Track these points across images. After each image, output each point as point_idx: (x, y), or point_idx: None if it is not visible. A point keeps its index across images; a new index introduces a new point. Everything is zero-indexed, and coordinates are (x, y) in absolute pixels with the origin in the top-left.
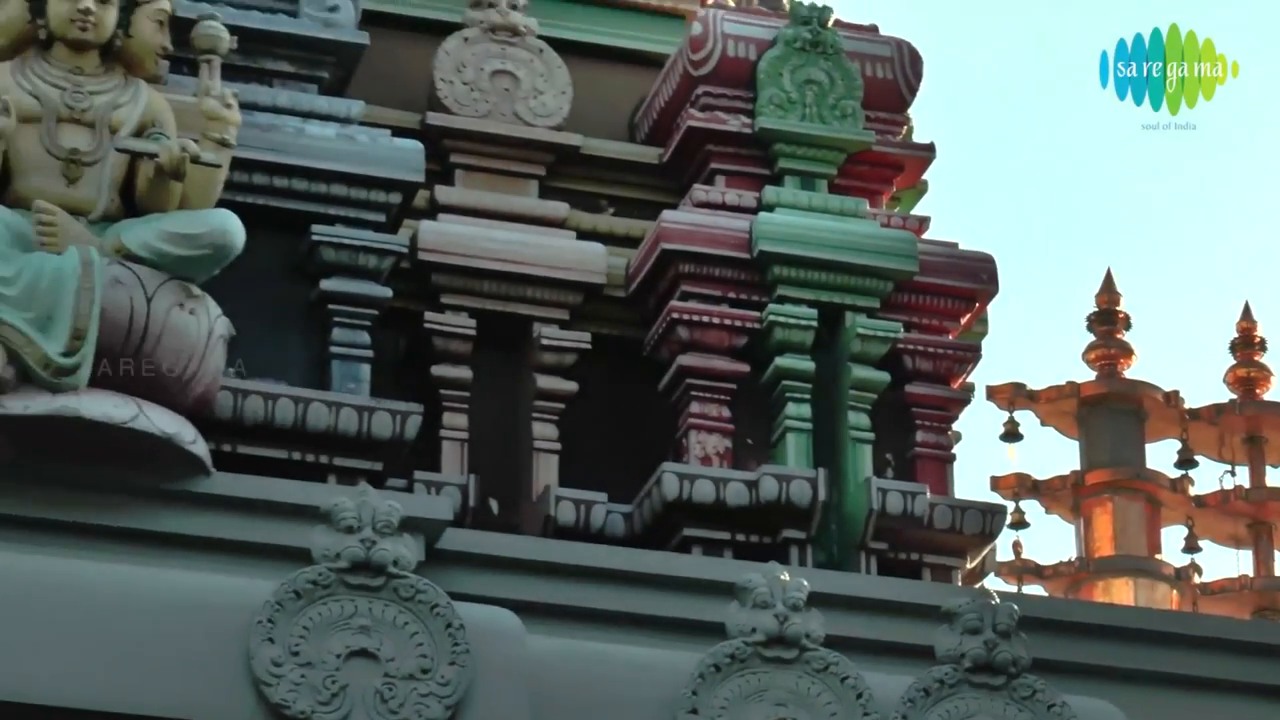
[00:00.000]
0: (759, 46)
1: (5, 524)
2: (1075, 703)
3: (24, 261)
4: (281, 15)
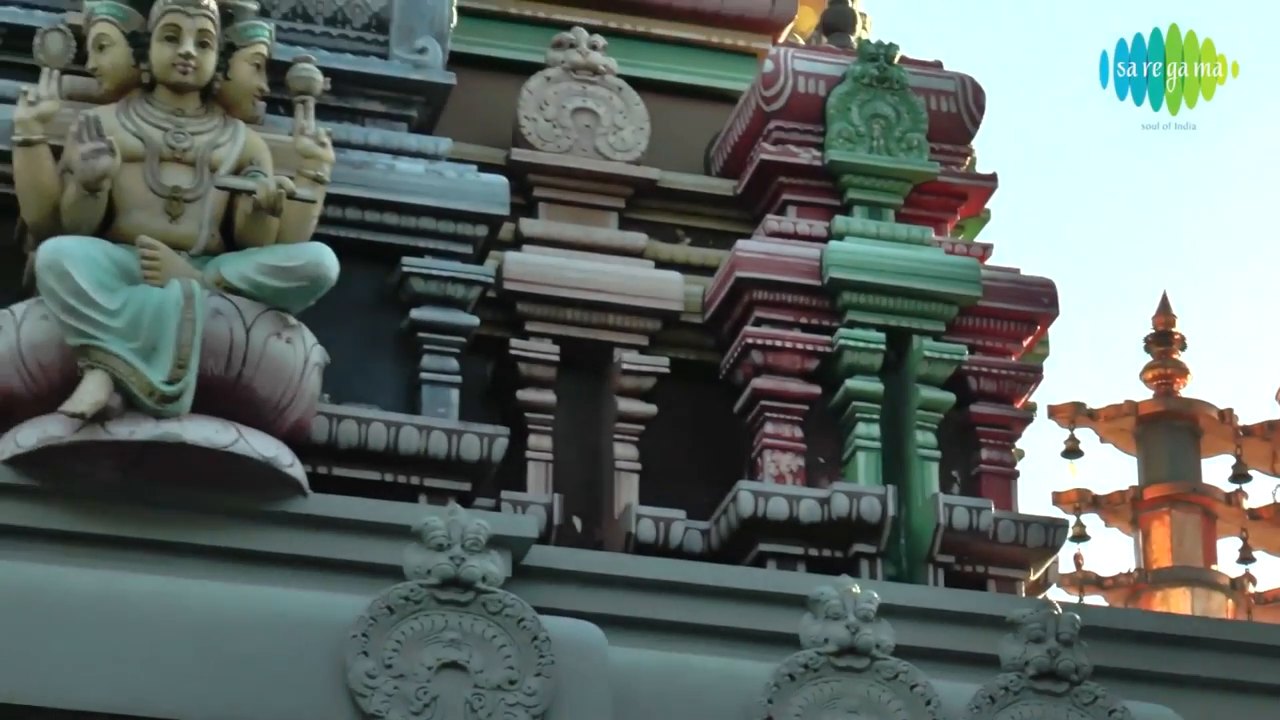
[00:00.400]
0: (828, 83)
1: (112, 544)
2: (1135, 708)
3: (129, 294)
4: (373, 58)
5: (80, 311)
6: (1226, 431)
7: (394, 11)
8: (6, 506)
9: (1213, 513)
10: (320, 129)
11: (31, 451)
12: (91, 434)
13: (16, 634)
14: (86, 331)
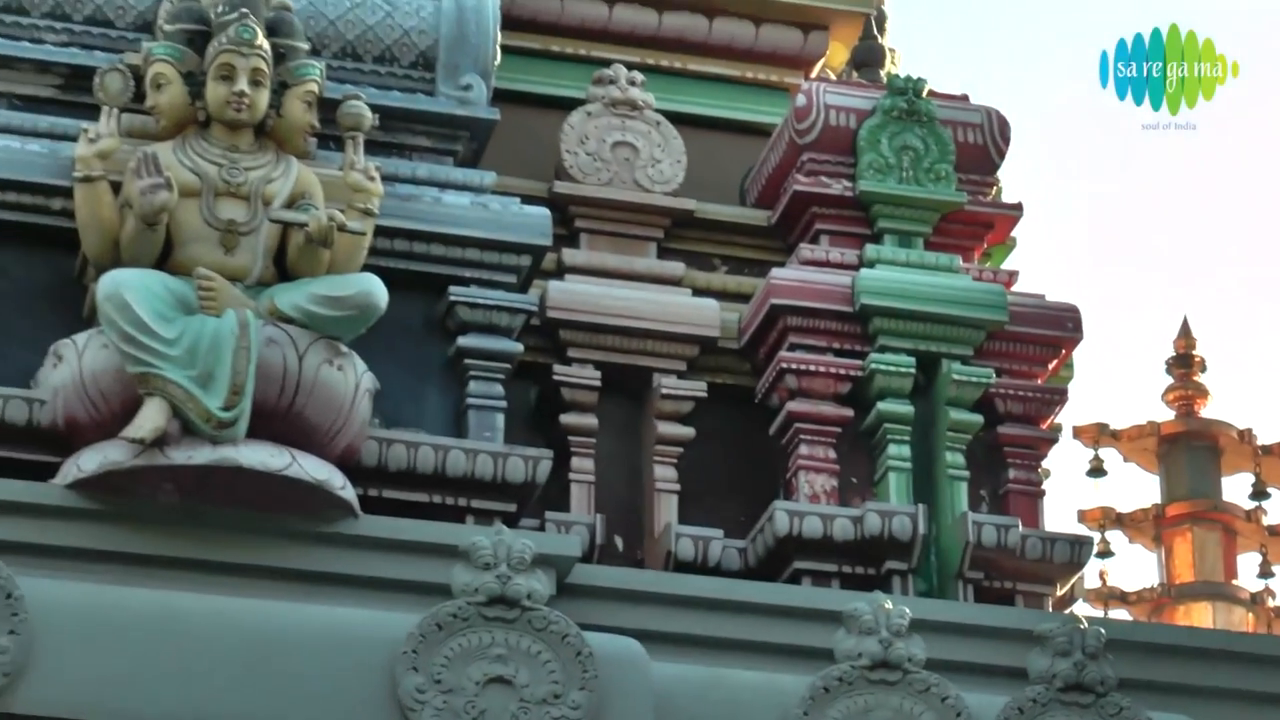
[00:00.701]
0: (859, 116)
1: (171, 565)
2: (1159, 719)
3: (185, 323)
4: (420, 94)
5: (140, 341)
6: (1246, 450)
7: (440, 50)
8: (70, 529)
9: (1233, 529)
10: (369, 163)
11: (93, 476)
12: (151, 459)
13: (80, 651)
14: (146, 360)
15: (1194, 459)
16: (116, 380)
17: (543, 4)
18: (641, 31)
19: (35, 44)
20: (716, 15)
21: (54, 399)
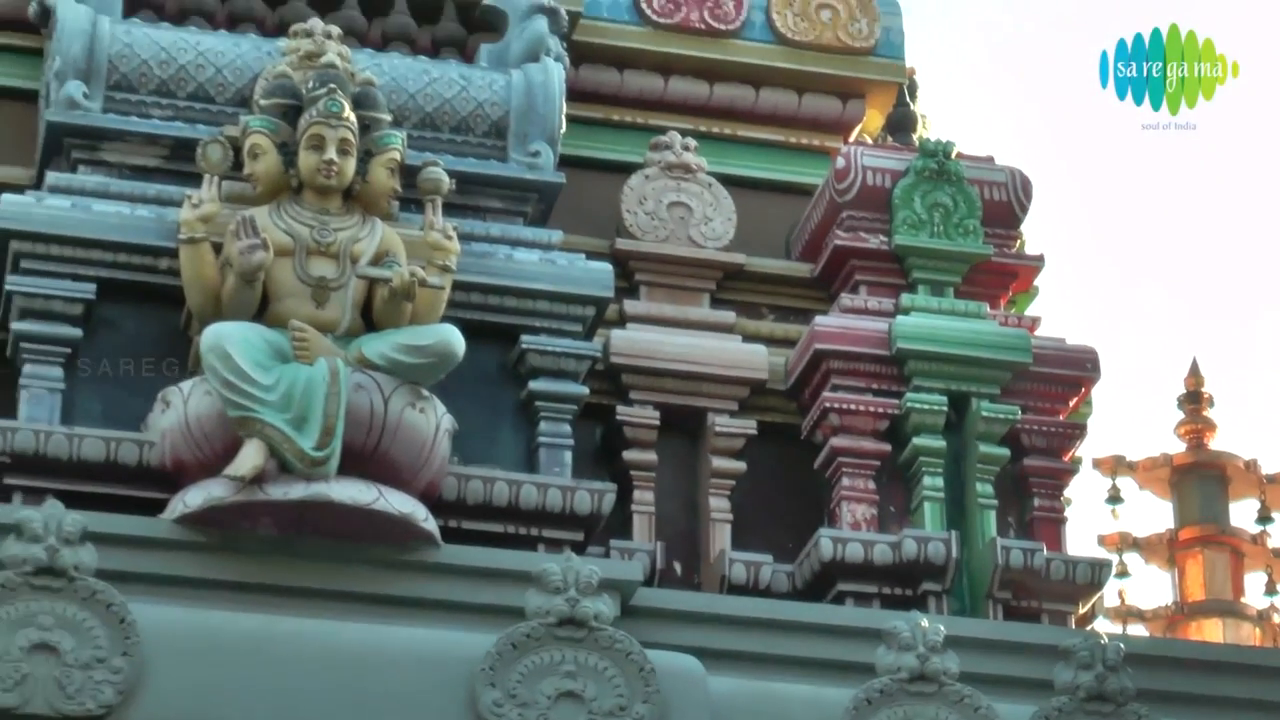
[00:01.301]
0: (893, 176)
1: (269, 591)
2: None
3: (281, 371)
4: (492, 160)
5: (240, 387)
6: (1252, 479)
7: (511, 120)
8: (177, 559)
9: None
10: (447, 224)
11: (198, 511)
12: (250, 495)
13: (187, 671)
14: (245, 405)
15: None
16: (219, 423)
17: (604, 77)
18: (694, 101)
19: (143, 119)
20: (762, 86)
21: (162, 441)
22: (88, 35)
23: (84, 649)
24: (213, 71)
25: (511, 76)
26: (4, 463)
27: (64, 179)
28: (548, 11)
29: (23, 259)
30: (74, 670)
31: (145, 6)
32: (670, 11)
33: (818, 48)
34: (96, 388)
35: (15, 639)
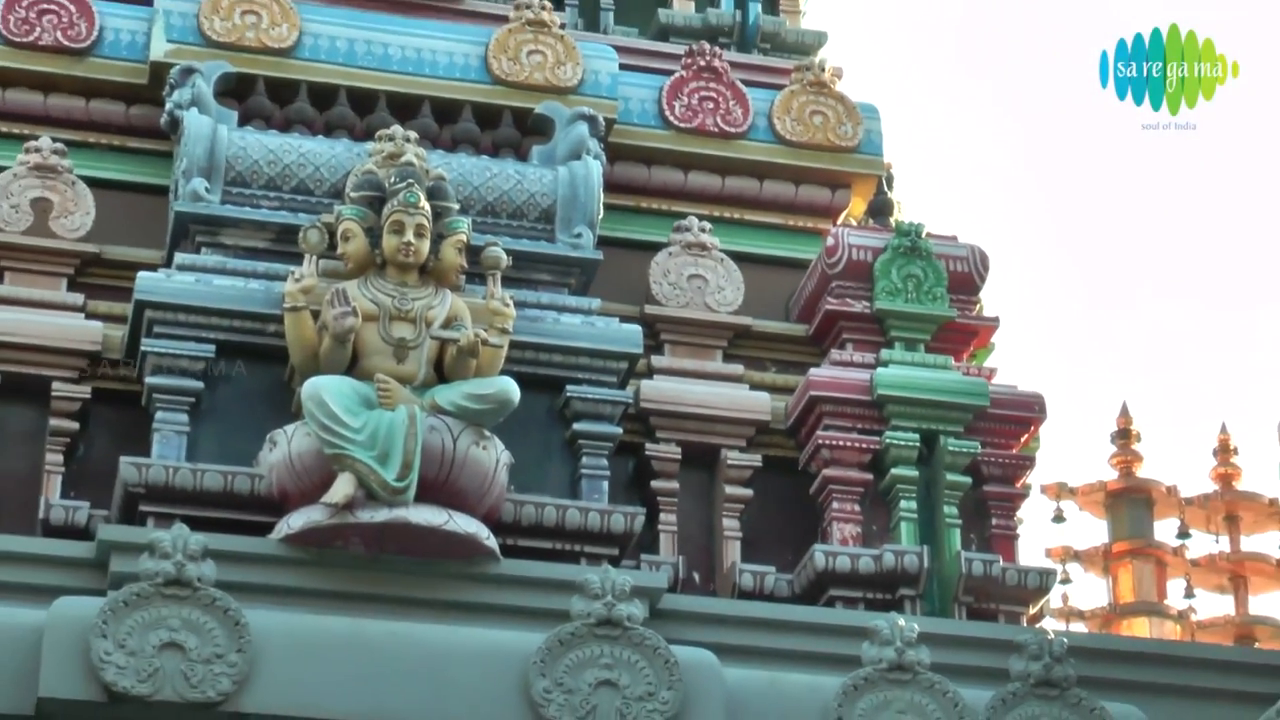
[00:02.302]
0: (874, 252)
1: (358, 599)
2: (1110, 708)
3: (368, 416)
4: (542, 241)
5: (334, 429)
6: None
7: (557, 208)
8: (282, 572)
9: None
10: (505, 294)
11: (300, 532)
12: (343, 519)
13: (290, 665)
14: (338, 444)
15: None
16: (316, 460)
17: (634, 172)
18: (709, 191)
19: (255, 209)
20: (765, 178)
21: (270, 474)
22: (209, 140)
23: (205, 647)
24: (312, 169)
25: (558, 172)
26: (139, 493)
27: (189, 259)
28: (588, 119)
29: (155, 325)
30: (197, 664)
31: (256, 116)
32: (689, 118)
33: (811, 147)
34: (216, 431)
35: (149, 639)
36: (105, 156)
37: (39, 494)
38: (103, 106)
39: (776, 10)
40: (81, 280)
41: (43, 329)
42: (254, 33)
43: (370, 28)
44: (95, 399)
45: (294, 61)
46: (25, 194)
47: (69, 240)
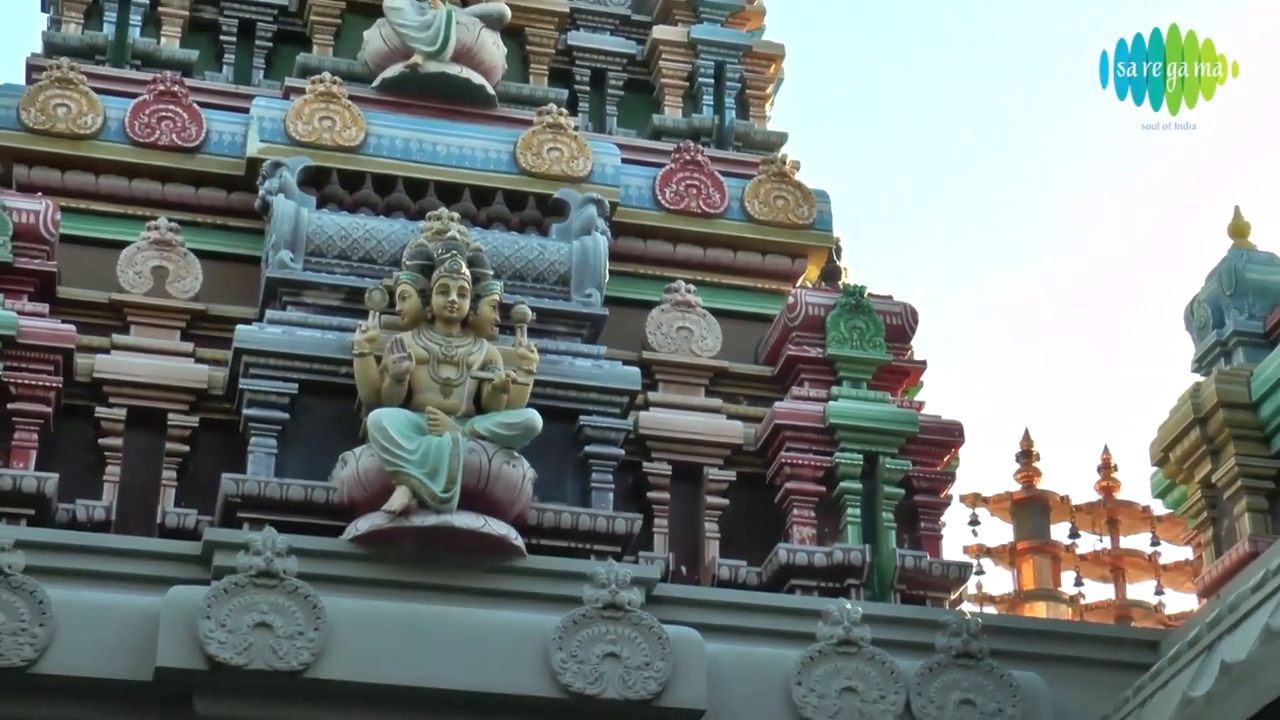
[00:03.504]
0: (826, 308)
1: (411, 587)
2: (1016, 674)
3: (420, 440)
4: (560, 300)
5: (393, 451)
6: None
7: (572, 273)
8: (351, 566)
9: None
10: (530, 342)
11: (365, 534)
12: (400, 523)
13: (357, 640)
14: (396, 462)
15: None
16: (378, 475)
17: (633, 244)
18: (693, 260)
19: (330, 274)
20: (738, 249)
21: (341, 487)
22: (293, 220)
23: (289, 626)
24: (375, 243)
25: (572, 245)
26: (237, 502)
27: (277, 314)
28: (596, 202)
29: (250, 368)
30: (283, 640)
31: (330, 200)
32: (677, 201)
33: (775, 224)
34: (298, 452)
35: (244, 619)
36: (210, 233)
37: (157, 503)
38: (209, 193)
39: (747, 115)
40: (191, 332)
41: (161, 371)
42: (329, 134)
43: (422, 129)
44: (202, 427)
45: (361, 157)
46: (147, 263)
47: (181, 300)
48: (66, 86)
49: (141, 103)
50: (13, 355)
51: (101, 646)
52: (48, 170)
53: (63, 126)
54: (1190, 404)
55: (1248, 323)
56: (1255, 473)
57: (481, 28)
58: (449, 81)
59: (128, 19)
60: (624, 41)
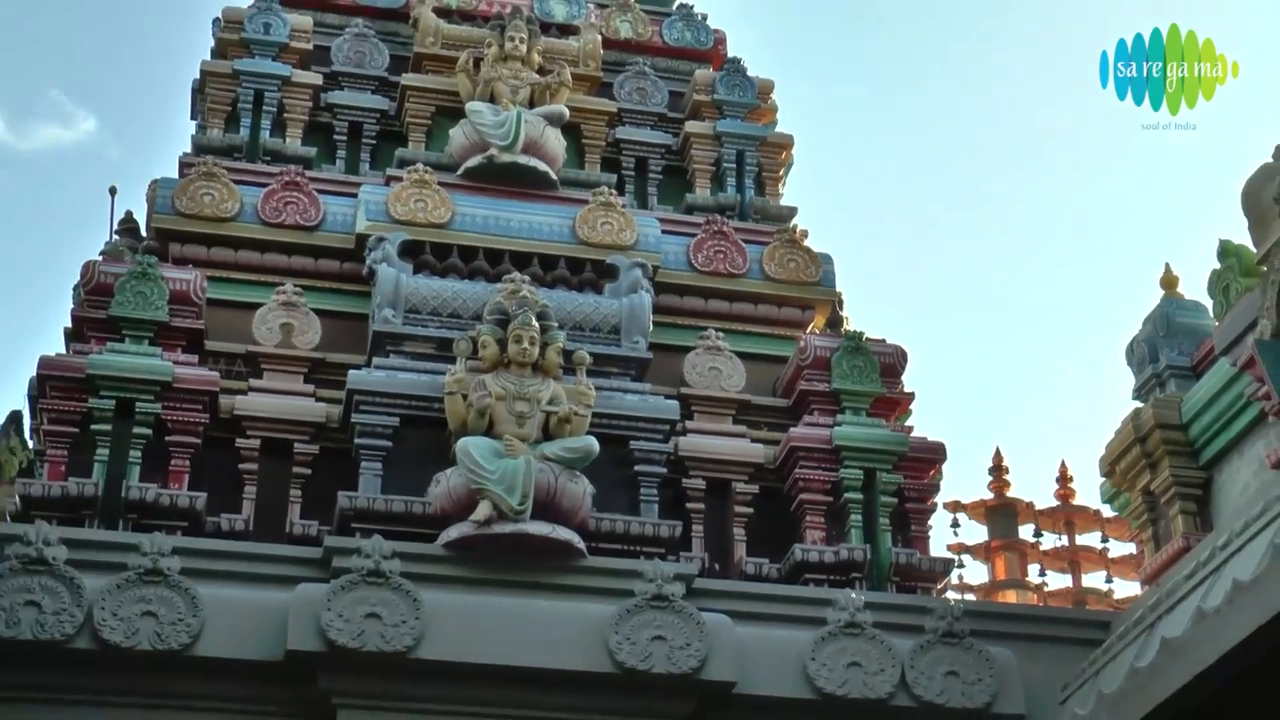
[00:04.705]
0: (831, 350)
1: (493, 583)
2: (992, 650)
3: (499, 463)
4: (612, 346)
5: (477, 472)
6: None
7: (622, 324)
8: (444, 566)
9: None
10: (588, 381)
11: (455, 540)
12: (483, 530)
13: (449, 626)
14: (480, 481)
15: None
16: (465, 492)
17: (671, 300)
18: (721, 311)
19: (424, 328)
20: (758, 303)
21: (435, 502)
22: (394, 284)
23: (394, 615)
24: (460, 302)
25: (622, 301)
26: (350, 515)
27: (382, 361)
28: (641, 266)
29: (360, 405)
30: (389, 627)
31: (424, 267)
32: (707, 264)
33: (789, 282)
34: (400, 473)
35: (357, 610)
36: (327, 295)
37: (286, 516)
38: (325, 263)
39: (764, 193)
40: (312, 376)
41: (288, 409)
42: (423, 213)
43: (498, 209)
44: (321, 454)
45: (449, 232)
46: (276, 320)
47: (304, 350)
48: (211, 179)
49: (271, 191)
50: (169, 397)
51: (242, 633)
52: (196, 246)
53: (208, 211)
54: (1132, 425)
55: (1178, 359)
56: (1186, 481)
57: (545, 125)
58: (519, 170)
59: (259, 124)
60: (662, 135)
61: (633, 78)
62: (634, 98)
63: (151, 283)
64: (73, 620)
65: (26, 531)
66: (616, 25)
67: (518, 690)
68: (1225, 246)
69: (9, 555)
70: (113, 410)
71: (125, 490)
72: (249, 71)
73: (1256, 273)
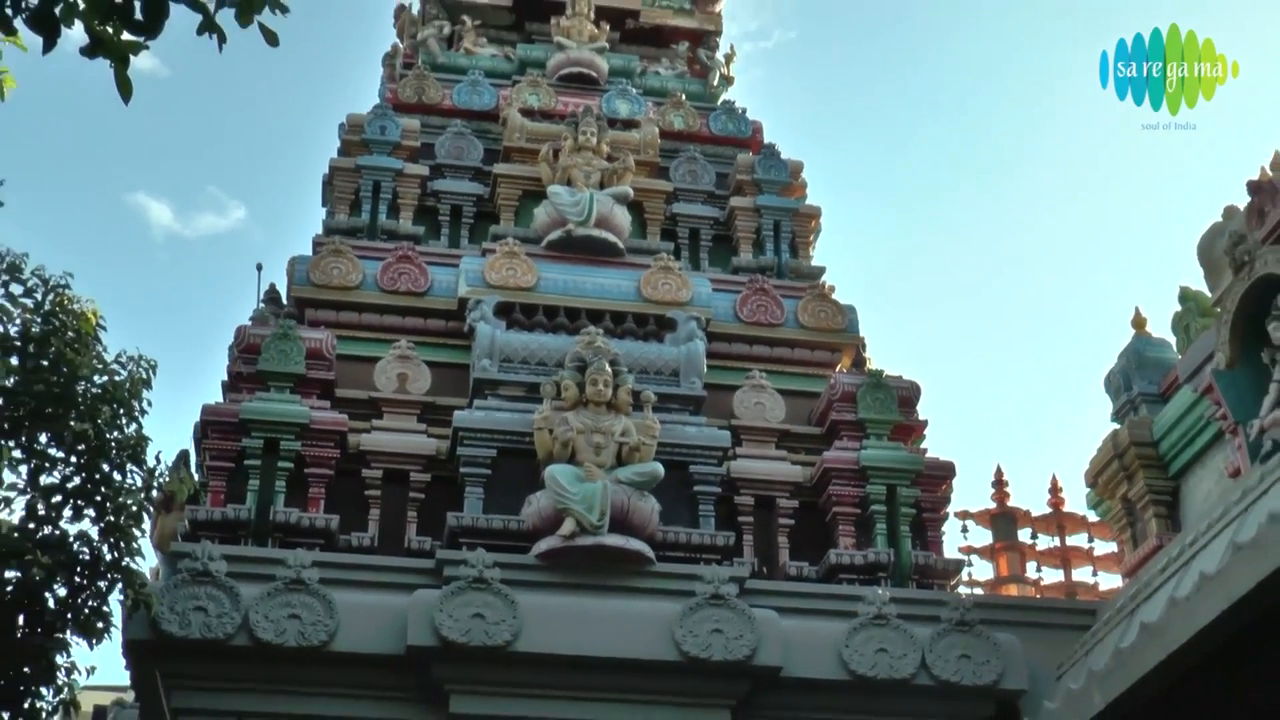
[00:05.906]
0: (857, 386)
1: (575, 587)
2: (998, 636)
3: (581, 486)
4: (673, 386)
5: (563, 494)
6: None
7: (680, 368)
8: (536, 574)
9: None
10: (654, 416)
11: (545, 551)
12: (568, 543)
13: (543, 624)
14: (565, 502)
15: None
16: (553, 511)
17: (721, 347)
18: (763, 355)
19: (515, 374)
20: (795, 348)
21: (528, 519)
22: (490, 339)
23: (495, 615)
24: (545, 352)
25: (680, 349)
26: (458, 532)
27: (482, 403)
28: (695, 319)
29: (464, 440)
30: (491, 625)
31: (515, 324)
32: (751, 316)
33: (820, 329)
34: (499, 496)
35: (464, 611)
36: (435, 349)
37: (404, 534)
38: (433, 322)
39: (797, 255)
40: (424, 417)
41: (404, 444)
42: (513, 279)
43: (575, 274)
44: (433, 481)
45: (535, 294)
46: (393, 370)
47: (417, 395)
48: (338, 255)
49: (387, 264)
50: (307, 437)
51: (370, 632)
52: (327, 311)
53: (336, 282)
54: (1111, 444)
55: (1148, 387)
56: (1158, 490)
57: (614, 203)
58: (593, 241)
59: (378, 208)
60: (711, 209)
61: (685, 162)
62: (687, 179)
63: (291, 342)
64: (233, 622)
65: (194, 550)
66: (671, 119)
67: (598, 676)
68: (1185, 292)
69: (181, 569)
70: (262, 448)
71: (273, 514)
72: (369, 166)
73: (1212, 313)
